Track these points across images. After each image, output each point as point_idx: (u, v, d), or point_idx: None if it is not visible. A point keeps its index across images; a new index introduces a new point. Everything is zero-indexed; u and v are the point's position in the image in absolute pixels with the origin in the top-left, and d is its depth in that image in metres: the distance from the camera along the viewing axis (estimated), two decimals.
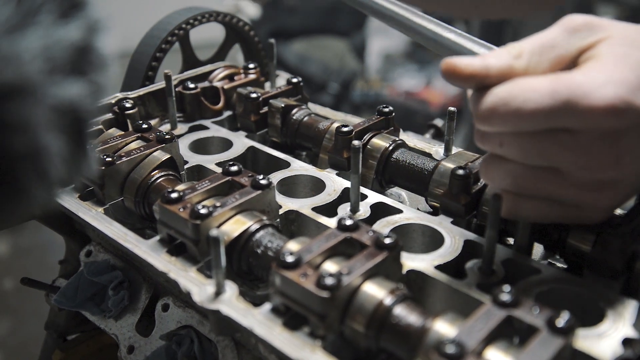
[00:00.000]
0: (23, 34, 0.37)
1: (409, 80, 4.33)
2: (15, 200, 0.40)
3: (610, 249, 0.64)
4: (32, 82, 0.37)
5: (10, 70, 0.36)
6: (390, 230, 0.74)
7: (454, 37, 0.69)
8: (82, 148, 0.43)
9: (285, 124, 0.98)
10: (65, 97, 0.40)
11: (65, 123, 0.40)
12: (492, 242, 0.65)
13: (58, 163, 0.40)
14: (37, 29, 0.38)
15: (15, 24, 0.37)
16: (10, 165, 0.38)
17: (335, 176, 0.86)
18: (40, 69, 0.38)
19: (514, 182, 0.62)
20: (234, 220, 0.69)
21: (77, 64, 0.41)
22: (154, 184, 0.80)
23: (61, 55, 0.39)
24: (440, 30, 0.70)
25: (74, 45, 0.40)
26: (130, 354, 0.78)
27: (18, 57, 0.37)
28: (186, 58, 1.16)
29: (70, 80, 0.40)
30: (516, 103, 0.56)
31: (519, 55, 0.60)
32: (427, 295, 0.68)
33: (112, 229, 0.75)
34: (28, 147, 0.38)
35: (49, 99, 0.38)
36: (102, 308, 0.80)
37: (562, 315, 0.52)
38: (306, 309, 0.57)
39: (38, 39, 0.38)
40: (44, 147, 0.39)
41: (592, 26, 0.60)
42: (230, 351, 0.68)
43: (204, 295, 0.64)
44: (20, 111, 0.37)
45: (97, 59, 0.42)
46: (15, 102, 0.37)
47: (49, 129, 0.39)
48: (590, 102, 0.54)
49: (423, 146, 0.94)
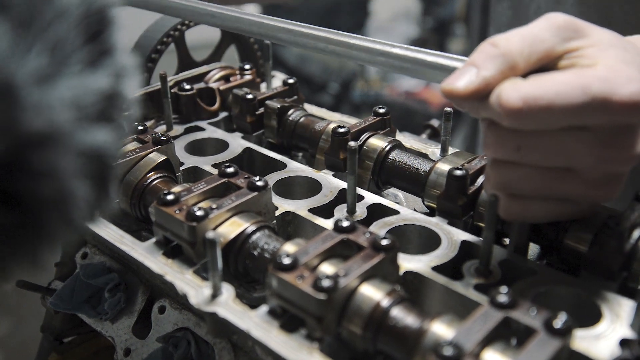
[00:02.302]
0: (55, 84, 0.38)
1: (409, 80, 4.33)
2: (38, 243, 0.41)
3: (608, 249, 0.64)
4: (62, 130, 0.38)
5: (41, 120, 0.37)
6: (387, 232, 0.74)
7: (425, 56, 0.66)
8: (106, 191, 0.44)
9: (282, 125, 0.98)
10: (93, 144, 0.40)
11: (91, 169, 0.40)
12: (489, 243, 0.65)
13: (83, 207, 0.41)
14: (68, 79, 0.39)
15: (47, 74, 0.38)
16: (37, 211, 0.39)
17: (331, 177, 0.86)
18: (69, 117, 0.38)
19: (529, 186, 0.61)
20: (230, 222, 0.69)
21: (104, 111, 0.41)
22: (150, 186, 0.80)
23: (90, 103, 0.40)
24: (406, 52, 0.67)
25: (102, 93, 0.41)
26: (126, 356, 0.78)
27: (49, 106, 0.37)
28: (182, 59, 1.16)
29: (97, 127, 0.40)
30: (548, 98, 0.55)
31: (508, 54, 0.58)
32: (424, 297, 0.67)
33: (108, 231, 0.75)
34: (55, 193, 0.39)
35: (77, 146, 0.39)
36: (98, 310, 0.80)
37: (560, 316, 0.52)
38: (303, 311, 0.57)
39: (69, 89, 0.38)
40: (70, 193, 0.39)
41: (576, 28, 0.60)
42: (227, 353, 0.68)
43: (201, 297, 0.63)
44: (49, 159, 0.38)
45: (122, 105, 0.43)
46: (44, 150, 0.37)
47: (76, 176, 0.39)
48: (621, 98, 0.54)
49: (419, 147, 0.94)
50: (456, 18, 4.87)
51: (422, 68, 0.66)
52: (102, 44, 0.42)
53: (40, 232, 0.40)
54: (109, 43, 0.42)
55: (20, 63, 0.36)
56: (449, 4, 4.93)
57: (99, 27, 0.42)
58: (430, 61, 0.65)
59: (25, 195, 0.38)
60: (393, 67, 0.68)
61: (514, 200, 0.63)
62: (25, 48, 0.37)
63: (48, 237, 0.41)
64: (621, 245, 0.64)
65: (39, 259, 0.42)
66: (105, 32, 0.42)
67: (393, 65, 0.68)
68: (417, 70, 0.66)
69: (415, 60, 0.66)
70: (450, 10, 4.91)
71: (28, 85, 0.36)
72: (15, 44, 0.36)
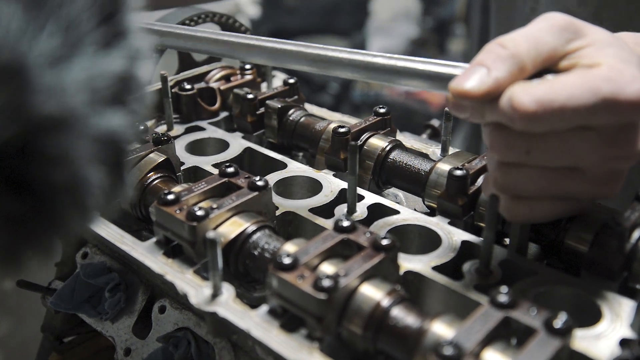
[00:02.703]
0: (68, 66, 0.37)
1: None
2: (51, 230, 0.40)
3: (608, 249, 0.64)
4: (75, 114, 0.37)
5: (53, 103, 0.36)
6: (387, 232, 0.74)
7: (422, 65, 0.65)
8: (120, 178, 0.42)
9: (282, 125, 0.98)
10: (107, 128, 0.39)
11: (105, 154, 0.39)
12: (489, 243, 0.65)
13: (97, 194, 0.39)
14: (81, 60, 0.37)
15: (60, 55, 0.36)
16: (50, 197, 0.38)
17: (332, 177, 0.86)
18: (83, 100, 0.37)
19: (535, 187, 0.61)
20: (231, 222, 0.69)
21: (119, 94, 0.40)
22: (151, 186, 0.80)
23: (104, 86, 0.39)
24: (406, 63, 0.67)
25: (116, 76, 0.40)
26: (127, 356, 0.78)
27: (62, 89, 0.36)
28: (182, 59, 1.16)
29: (111, 110, 0.39)
30: (560, 101, 0.55)
31: (517, 55, 0.58)
32: (424, 297, 0.67)
33: (108, 231, 0.75)
34: (69, 179, 0.38)
35: (91, 131, 0.38)
36: (98, 310, 0.80)
37: (560, 316, 0.52)
38: (303, 310, 0.57)
39: (82, 71, 0.37)
40: (84, 179, 0.38)
41: (575, 28, 0.60)
42: (227, 353, 0.68)
43: (201, 297, 0.63)
44: (62, 143, 0.37)
45: (136, 88, 0.42)
46: (57, 135, 0.36)
47: (90, 161, 0.38)
48: (627, 97, 0.55)
49: (420, 147, 0.94)
50: (456, 18, 4.86)
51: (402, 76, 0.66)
52: (116, 25, 0.41)
53: (54, 219, 0.39)
54: (123, 25, 0.41)
55: (32, 43, 0.35)
56: (449, 4, 4.93)
57: (113, 9, 0.40)
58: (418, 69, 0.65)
59: (37, 182, 0.37)
60: (375, 78, 0.68)
61: (519, 201, 0.63)
62: (37, 28, 0.35)
63: (61, 225, 0.40)
64: (622, 245, 0.64)
65: (51, 248, 0.41)
66: (119, 14, 0.41)
67: (375, 76, 0.68)
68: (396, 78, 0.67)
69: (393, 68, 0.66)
70: (450, 10, 4.91)
71: (40, 66, 0.35)
72: (27, 23, 0.35)
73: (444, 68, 0.63)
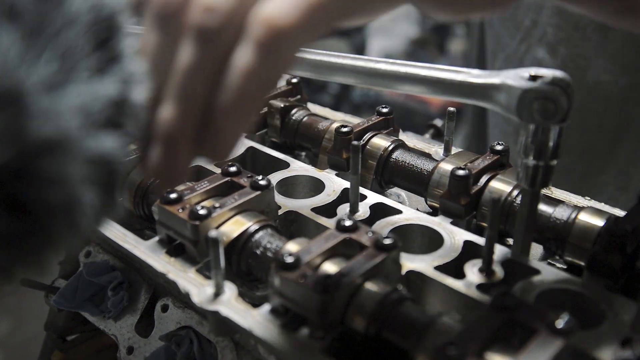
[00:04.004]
0: (63, 92, 0.38)
1: None
2: (44, 250, 0.41)
3: (610, 250, 0.64)
4: (70, 137, 0.38)
5: (49, 127, 0.37)
6: (390, 231, 0.74)
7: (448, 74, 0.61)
8: (113, 198, 0.44)
9: (285, 125, 0.98)
10: (101, 151, 0.40)
11: (99, 176, 0.40)
12: (491, 242, 0.65)
13: (90, 214, 0.41)
14: (76, 86, 0.39)
15: (56, 81, 0.38)
16: (43, 218, 0.39)
17: (334, 176, 0.86)
18: (78, 124, 0.38)
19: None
20: (233, 221, 0.69)
21: (113, 118, 0.41)
22: (153, 185, 0.80)
23: (98, 109, 0.40)
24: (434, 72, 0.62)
25: (110, 100, 0.41)
26: (129, 354, 0.78)
27: (58, 114, 0.37)
28: None
29: (105, 133, 0.40)
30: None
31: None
32: (426, 296, 0.68)
33: (111, 230, 0.75)
34: (62, 200, 0.39)
35: (85, 153, 0.39)
36: (101, 309, 0.80)
37: (562, 316, 0.52)
38: (305, 309, 0.57)
39: (77, 96, 0.38)
40: (77, 200, 0.39)
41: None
42: (229, 352, 0.68)
43: (203, 296, 0.64)
44: (57, 166, 0.38)
45: (131, 112, 0.43)
46: (53, 157, 0.37)
47: (84, 183, 0.39)
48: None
49: (422, 146, 0.94)
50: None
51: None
52: (111, 50, 0.42)
53: (48, 238, 0.40)
54: (118, 50, 0.42)
55: (30, 71, 0.36)
56: None
57: (107, 34, 0.42)
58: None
59: (33, 203, 0.38)
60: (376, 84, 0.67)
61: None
62: (35, 56, 0.37)
63: (55, 244, 0.41)
64: (624, 245, 0.64)
65: (45, 265, 0.42)
66: (113, 39, 0.42)
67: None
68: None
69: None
70: None
71: (37, 92, 0.36)
72: (25, 51, 0.36)
73: (447, 74, 0.63)
